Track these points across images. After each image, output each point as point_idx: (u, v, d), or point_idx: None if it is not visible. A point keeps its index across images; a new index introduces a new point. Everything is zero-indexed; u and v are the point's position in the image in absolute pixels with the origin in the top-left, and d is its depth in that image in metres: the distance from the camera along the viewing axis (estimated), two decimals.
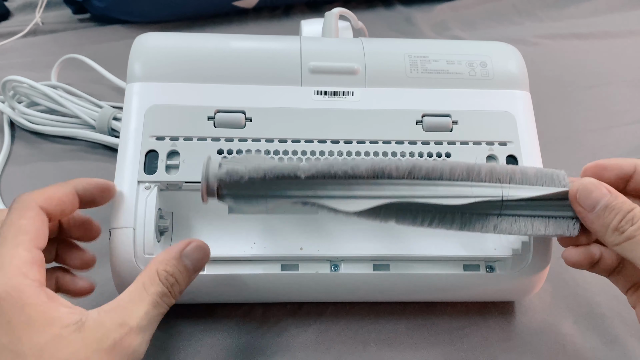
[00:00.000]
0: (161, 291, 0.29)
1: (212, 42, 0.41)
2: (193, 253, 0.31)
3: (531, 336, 0.39)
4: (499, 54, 0.42)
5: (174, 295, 0.30)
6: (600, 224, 0.30)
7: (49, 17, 0.73)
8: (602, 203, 0.30)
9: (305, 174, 0.30)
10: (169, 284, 0.30)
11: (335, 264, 0.36)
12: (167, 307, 0.30)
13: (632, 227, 0.29)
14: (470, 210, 0.32)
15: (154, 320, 0.29)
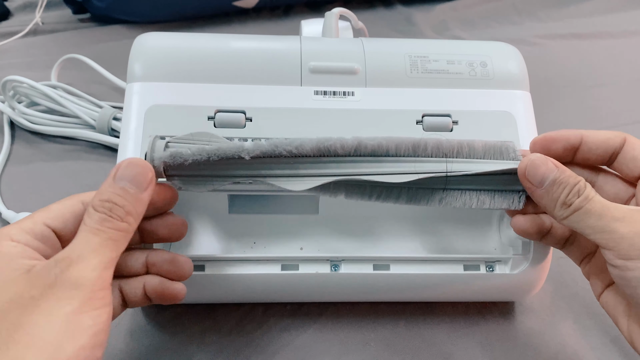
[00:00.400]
0: (98, 218, 0.27)
1: (212, 42, 0.41)
2: (126, 172, 0.28)
3: (531, 336, 0.39)
4: (499, 54, 0.42)
5: (118, 217, 0.27)
6: (549, 199, 0.30)
7: (49, 17, 0.73)
8: (550, 178, 0.30)
9: (249, 154, 0.31)
10: (105, 209, 0.27)
11: (336, 264, 0.36)
12: (113, 231, 0.27)
13: (578, 199, 0.29)
14: (416, 185, 0.33)
15: (100, 246, 0.26)
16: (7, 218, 0.45)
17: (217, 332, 0.39)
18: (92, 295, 0.25)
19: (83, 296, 0.25)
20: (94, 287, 0.25)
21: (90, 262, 0.26)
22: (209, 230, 0.39)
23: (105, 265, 0.26)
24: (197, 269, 0.36)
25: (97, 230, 0.27)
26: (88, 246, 0.26)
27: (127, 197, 0.28)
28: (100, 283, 0.26)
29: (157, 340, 0.38)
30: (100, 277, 0.26)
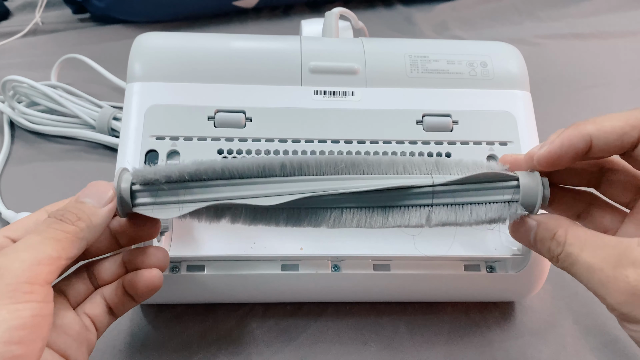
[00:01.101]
0: (47, 221, 0.26)
1: (212, 42, 0.41)
2: (87, 190, 0.28)
3: (531, 336, 0.39)
4: (499, 54, 0.42)
5: (68, 220, 0.27)
6: (542, 255, 0.29)
7: (49, 16, 0.73)
8: (532, 237, 0.29)
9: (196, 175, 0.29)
10: (58, 215, 0.27)
11: (336, 264, 0.36)
12: (58, 232, 0.26)
13: (562, 256, 0.27)
14: (400, 203, 0.29)
15: (37, 244, 0.25)
16: (7, 218, 0.45)
17: (217, 332, 0.39)
18: (15, 288, 0.23)
19: (4, 285, 0.23)
20: (18, 278, 0.23)
21: (19, 255, 0.24)
22: (209, 230, 0.38)
23: (39, 261, 0.24)
24: (197, 269, 0.36)
25: (41, 231, 0.26)
26: (24, 243, 0.25)
27: (84, 208, 0.28)
28: (28, 276, 0.24)
29: (157, 340, 0.38)
30: (28, 269, 0.24)
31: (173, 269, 0.35)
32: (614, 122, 0.27)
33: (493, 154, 0.38)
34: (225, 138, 0.37)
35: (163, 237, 0.37)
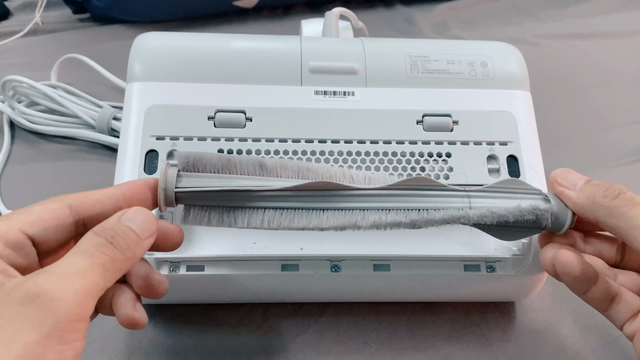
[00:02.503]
0: (97, 242, 0.24)
1: (212, 41, 0.41)
2: (133, 216, 0.26)
3: (531, 336, 0.39)
4: (499, 54, 0.42)
5: (119, 247, 0.24)
6: (584, 196, 0.30)
7: (49, 16, 0.73)
8: (582, 181, 0.31)
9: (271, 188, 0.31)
10: (107, 235, 0.24)
11: (336, 264, 0.36)
12: (108, 258, 0.24)
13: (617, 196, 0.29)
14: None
15: (88, 271, 0.23)
16: None
17: (217, 332, 0.38)
18: (67, 326, 0.21)
19: (55, 323, 0.20)
20: (71, 315, 0.21)
21: (73, 284, 0.21)
22: (209, 230, 0.38)
23: (89, 293, 0.22)
24: (197, 269, 0.36)
25: (90, 253, 0.23)
26: (74, 266, 0.22)
27: (131, 235, 0.25)
28: (79, 312, 0.21)
29: (157, 340, 0.38)
30: (80, 304, 0.21)
31: (173, 269, 0.35)
32: None
33: (493, 154, 0.38)
34: (225, 138, 0.37)
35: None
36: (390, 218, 0.31)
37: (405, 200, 0.32)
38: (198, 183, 0.30)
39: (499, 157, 0.38)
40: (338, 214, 0.31)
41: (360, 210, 0.31)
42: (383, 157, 0.37)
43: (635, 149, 0.55)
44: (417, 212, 0.31)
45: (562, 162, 0.52)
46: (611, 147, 0.56)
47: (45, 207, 0.27)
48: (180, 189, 0.30)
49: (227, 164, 0.31)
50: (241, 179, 0.31)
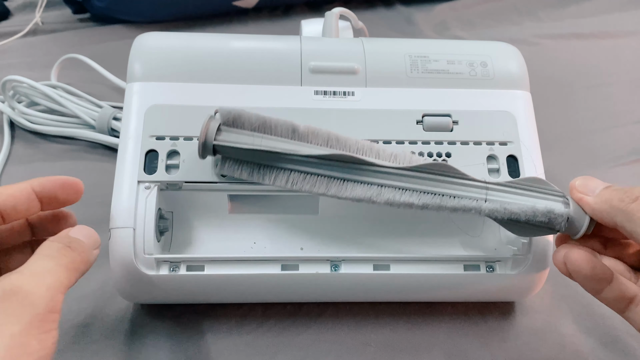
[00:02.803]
0: (56, 246, 0.27)
1: (212, 41, 0.41)
2: (79, 231, 0.30)
3: (531, 336, 0.39)
4: (499, 54, 0.42)
5: (75, 250, 0.28)
6: (602, 201, 0.30)
7: (49, 16, 0.73)
8: (601, 187, 0.31)
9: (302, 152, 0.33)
10: (65, 242, 0.28)
11: (336, 264, 0.36)
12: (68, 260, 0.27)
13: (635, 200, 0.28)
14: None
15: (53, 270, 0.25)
16: None
17: (217, 332, 0.38)
18: (44, 317, 0.23)
19: (34, 315, 0.23)
20: (46, 307, 0.24)
21: (44, 280, 0.24)
22: (209, 231, 0.39)
23: (58, 288, 0.25)
24: (197, 269, 0.36)
25: (53, 256, 0.26)
26: (41, 267, 0.25)
27: (83, 243, 0.29)
28: (52, 305, 0.24)
29: (158, 340, 0.38)
30: (52, 298, 0.24)
31: (173, 269, 0.35)
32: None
33: (493, 154, 0.38)
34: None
35: (163, 237, 0.37)
36: (404, 198, 0.33)
37: (425, 183, 0.33)
38: (235, 138, 0.34)
39: (499, 157, 0.38)
40: (357, 186, 0.33)
41: (377, 186, 0.33)
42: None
43: (635, 149, 0.55)
44: (431, 195, 0.33)
45: (562, 162, 0.52)
46: (611, 147, 0.56)
47: (10, 187, 0.29)
48: (218, 142, 0.33)
49: (263, 124, 0.34)
50: (273, 140, 0.34)
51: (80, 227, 0.30)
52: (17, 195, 0.29)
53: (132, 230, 0.34)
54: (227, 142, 0.33)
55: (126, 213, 0.35)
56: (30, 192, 0.30)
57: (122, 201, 0.35)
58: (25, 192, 0.30)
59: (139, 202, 0.35)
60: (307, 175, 0.34)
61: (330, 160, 0.33)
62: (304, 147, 0.34)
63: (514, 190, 0.33)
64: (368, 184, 0.33)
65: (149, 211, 0.35)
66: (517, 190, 0.33)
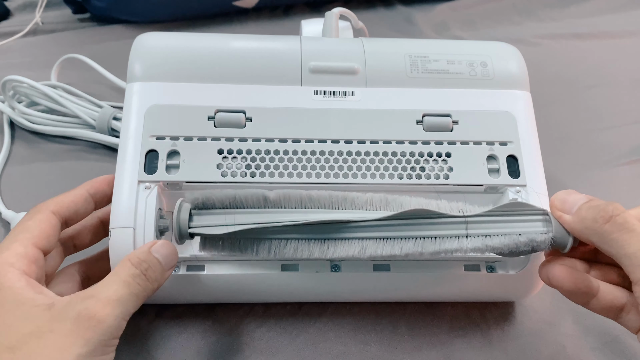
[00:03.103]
0: (133, 273, 0.29)
1: (212, 41, 0.41)
2: (161, 249, 0.32)
3: (531, 336, 0.39)
4: (499, 54, 0.42)
5: (150, 279, 0.30)
6: (578, 221, 0.30)
7: (49, 16, 0.73)
8: (580, 203, 0.31)
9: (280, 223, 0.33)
10: (142, 268, 0.30)
11: (336, 265, 0.36)
12: (141, 289, 0.30)
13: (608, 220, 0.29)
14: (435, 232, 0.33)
15: (126, 299, 0.28)
16: (7, 218, 0.45)
17: (217, 332, 0.39)
18: (107, 342, 0.27)
19: (100, 340, 0.26)
20: (111, 334, 0.27)
21: (114, 310, 0.27)
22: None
23: (125, 317, 0.28)
24: (197, 269, 0.36)
25: (128, 283, 0.29)
26: (116, 294, 0.28)
27: (159, 268, 0.31)
28: (117, 332, 0.27)
29: (158, 341, 0.38)
30: (118, 326, 0.27)
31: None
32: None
33: (493, 154, 0.38)
34: (225, 138, 0.37)
35: (162, 237, 0.37)
36: (387, 250, 0.33)
37: (404, 228, 0.33)
38: (208, 221, 0.33)
39: (499, 157, 0.38)
40: (339, 244, 0.33)
41: (358, 240, 0.33)
42: (383, 157, 0.37)
43: (635, 149, 0.55)
44: (413, 241, 0.33)
45: (562, 162, 0.52)
46: (611, 147, 0.56)
47: (38, 219, 0.31)
48: (192, 229, 0.33)
49: (233, 200, 0.34)
50: (246, 214, 0.33)
51: (162, 244, 0.32)
52: (76, 201, 0.33)
53: (132, 230, 0.34)
54: (201, 228, 0.33)
55: (126, 213, 0.35)
56: (87, 196, 0.34)
57: (122, 201, 0.35)
58: (82, 197, 0.34)
59: (139, 202, 0.35)
60: (288, 241, 0.33)
61: (306, 225, 0.33)
62: (278, 216, 0.33)
63: (494, 219, 0.33)
64: (349, 239, 0.33)
65: (149, 211, 0.35)
66: (496, 218, 0.33)
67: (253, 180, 0.36)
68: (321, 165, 0.37)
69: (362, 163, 0.37)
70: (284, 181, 0.36)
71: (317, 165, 0.37)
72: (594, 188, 0.51)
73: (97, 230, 0.37)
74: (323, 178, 0.36)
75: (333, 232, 0.33)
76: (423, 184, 0.37)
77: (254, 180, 0.36)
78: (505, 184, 0.37)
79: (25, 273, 0.29)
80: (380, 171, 0.37)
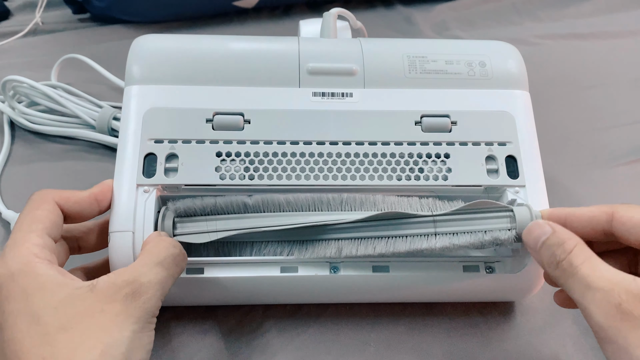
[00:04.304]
0: (173, 253, 0.31)
1: (209, 43, 0.41)
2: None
3: (531, 336, 0.39)
4: (497, 54, 0.42)
5: (185, 258, 0.33)
6: (540, 262, 0.31)
7: (49, 17, 0.73)
8: (541, 241, 0.31)
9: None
10: (176, 251, 0.32)
11: (335, 266, 0.36)
12: (178, 270, 0.32)
13: (563, 263, 0.29)
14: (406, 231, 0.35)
15: (165, 281, 0.30)
16: (7, 218, 0.46)
17: (217, 333, 0.39)
18: (151, 319, 0.29)
19: (147, 319, 0.28)
20: (154, 312, 0.29)
21: (156, 293, 0.29)
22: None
23: (163, 297, 0.30)
24: (197, 272, 0.36)
25: (168, 265, 0.31)
26: (156, 277, 0.30)
27: (184, 254, 0.33)
28: (157, 311, 0.29)
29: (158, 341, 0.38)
30: (158, 305, 0.29)
31: None
32: (586, 209, 0.32)
33: (492, 155, 0.38)
34: (223, 140, 0.37)
35: None
36: (361, 250, 0.35)
37: (377, 229, 0.35)
38: (190, 228, 0.35)
39: (498, 157, 0.38)
40: (316, 245, 0.36)
41: (335, 241, 0.35)
42: (382, 159, 0.37)
43: (635, 149, 0.55)
44: (385, 241, 0.35)
45: (561, 162, 0.52)
46: (611, 147, 0.56)
47: (47, 209, 0.32)
48: (177, 236, 0.35)
49: (214, 207, 0.36)
50: (227, 220, 0.35)
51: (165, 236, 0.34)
52: (81, 202, 0.34)
53: (131, 234, 0.34)
54: (184, 236, 0.35)
55: (125, 216, 0.35)
56: (92, 200, 0.34)
57: (121, 205, 0.35)
58: (87, 200, 0.34)
59: (138, 206, 0.35)
60: (268, 243, 0.36)
61: (282, 228, 0.35)
62: (257, 221, 0.35)
63: (461, 217, 0.35)
64: (326, 240, 0.35)
65: (148, 215, 0.35)
66: (463, 216, 0.35)
67: (252, 183, 0.36)
68: (319, 167, 0.37)
69: (360, 165, 0.37)
70: (283, 183, 0.36)
71: (315, 167, 0.37)
72: (594, 188, 0.51)
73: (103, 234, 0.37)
74: (322, 180, 0.36)
75: (311, 234, 0.35)
76: (422, 185, 0.37)
77: (253, 182, 0.36)
78: (504, 185, 0.37)
79: (49, 261, 0.29)
80: (379, 172, 0.37)
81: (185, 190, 0.36)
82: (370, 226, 0.35)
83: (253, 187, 0.36)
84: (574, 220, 0.32)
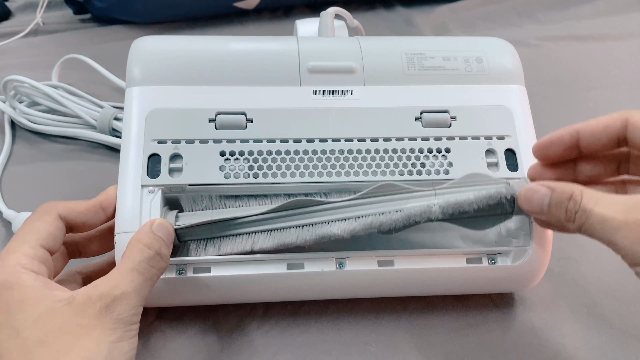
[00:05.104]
0: (148, 255, 0.31)
1: (210, 44, 0.41)
2: (160, 227, 0.33)
3: (531, 336, 0.39)
4: (493, 50, 0.42)
5: (163, 258, 0.32)
6: (556, 222, 0.31)
7: (50, 17, 0.73)
8: (546, 203, 0.31)
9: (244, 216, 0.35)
10: (155, 248, 0.32)
11: (341, 262, 0.36)
12: (155, 271, 0.31)
13: (578, 215, 0.29)
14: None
15: (141, 286, 0.30)
16: (8, 218, 0.46)
17: (218, 332, 0.39)
18: (129, 327, 0.29)
19: (124, 329, 0.29)
20: (132, 321, 0.30)
21: (132, 301, 0.29)
22: None
23: (141, 303, 0.30)
24: (204, 271, 0.36)
25: (144, 270, 0.31)
26: (130, 285, 0.30)
27: (165, 245, 0.33)
28: (137, 318, 0.30)
29: (158, 341, 0.38)
30: (137, 313, 0.30)
31: (179, 272, 0.35)
32: (599, 119, 0.31)
33: (491, 148, 0.38)
34: (226, 140, 0.37)
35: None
36: (360, 225, 0.34)
37: (377, 206, 0.35)
38: (191, 219, 0.35)
39: (497, 151, 0.38)
40: (313, 229, 0.35)
41: (340, 221, 0.35)
42: (384, 155, 0.38)
43: None
44: (397, 215, 0.34)
45: None
46: None
47: (46, 221, 0.32)
48: (179, 226, 0.35)
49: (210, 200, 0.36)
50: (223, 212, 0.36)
51: (160, 222, 0.33)
52: (87, 213, 0.34)
53: None
54: (186, 224, 0.35)
55: (131, 217, 0.35)
56: (98, 209, 0.35)
57: (126, 206, 0.35)
58: (93, 210, 0.35)
59: (143, 207, 0.35)
60: (268, 232, 0.35)
61: (278, 213, 0.35)
62: (256, 208, 0.36)
63: (461, 189, 0.35)
64: (327, 222, 0.35)
65: (153, 215, 0.35)
66: (463, 187, 0.35)
67: (256, 182, 0.36)
68: (323, 164, 0.37)
69: (363, 161, 0.37)
70: (286, 181, 0.36)
71: (318, 164, 0.37)
72: None
73: (105, 239, 0.37)
74: (325, 177, 0.37)
75: (309, 216, 0.35)
76: (424, 180, 0.37)
77: (257, 181, 0.36)
78: (504, 178, 0.37)
79: (37, 273, 0.30)
80: (381, 168, 0.37)
81: (190, 190, 0.36)
82: (372, 202, 0.35)
83: (258, 185, 0.36)
84: (587, 132, 0.32)
